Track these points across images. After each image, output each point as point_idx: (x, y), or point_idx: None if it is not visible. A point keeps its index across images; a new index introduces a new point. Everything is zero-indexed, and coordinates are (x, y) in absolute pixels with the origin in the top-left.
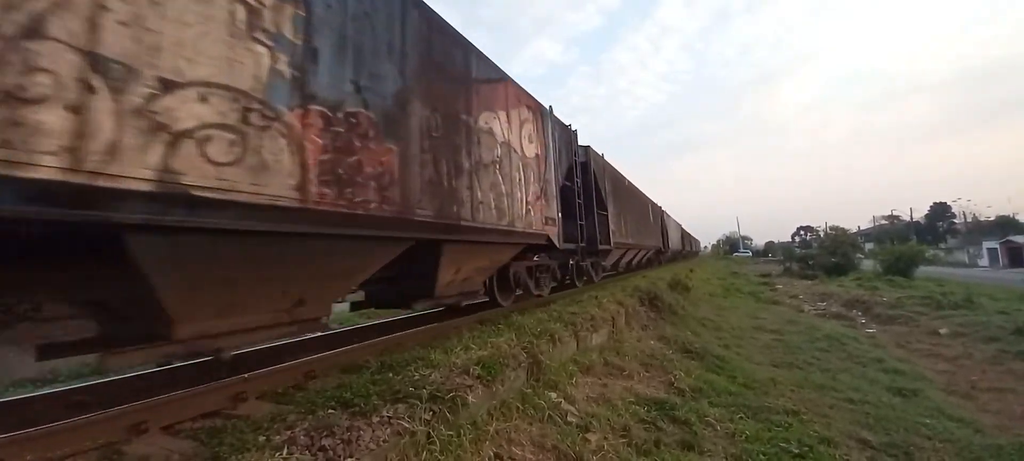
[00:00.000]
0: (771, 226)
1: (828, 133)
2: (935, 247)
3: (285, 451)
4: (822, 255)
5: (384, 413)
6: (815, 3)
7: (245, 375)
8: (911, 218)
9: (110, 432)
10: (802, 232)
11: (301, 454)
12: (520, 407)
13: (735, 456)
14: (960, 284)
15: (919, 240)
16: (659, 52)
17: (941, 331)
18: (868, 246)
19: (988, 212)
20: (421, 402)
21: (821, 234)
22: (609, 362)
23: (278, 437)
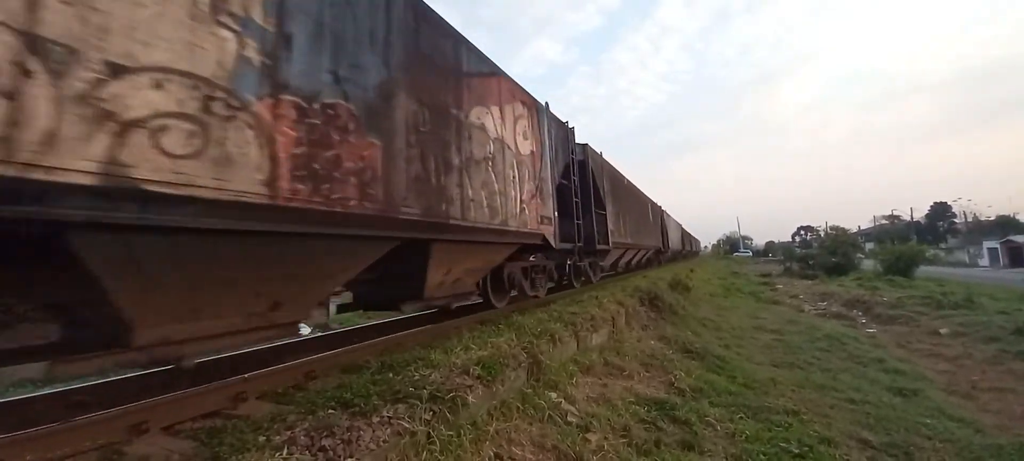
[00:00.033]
0: (771, 226)
1: (828, 133)
2: (935, 247)
3: (285, 451)
4: (822, 255)
5: (384, 413)
6: (815, 3)
7: (245, 375)
8: (911, 218)
9: (110, 432)
10: (802, 232)
11: (301, 454)
12: (520, 407)
13: (735, 456)
14: (960, 284)
15: (919, 240)
16: (659, 52)
17: (941, 331)
18: (868, 246)
19: (988, 212)
20: (421, 402)
21: (821, 234)
22: (609, 362)
23: (278, 437)
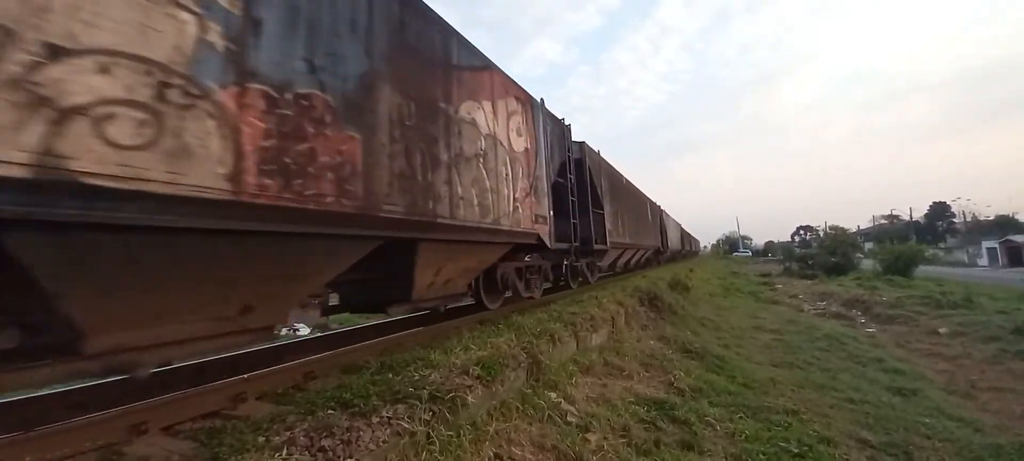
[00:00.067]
0: (771, 226)
1: (828, 133)
2: (934, 247)
3: (285, 451)
4: (822, 255)
5: (384, 413)
6: (815, 3)
7: (245, 376)
8: (911, 218)
9: (110, 433)
10: (802, 232)
11: (301, 454)
12: (520, 407)
13: (735, 456)
14: (959, 284)
15: (919, 240)
16: (659, 52)
17: (941, 331)
18: (868, 246)
19: (987, 212)
20: (421, 402)
21: (821, 234)
22: (609, 362)
23: (278, 438)
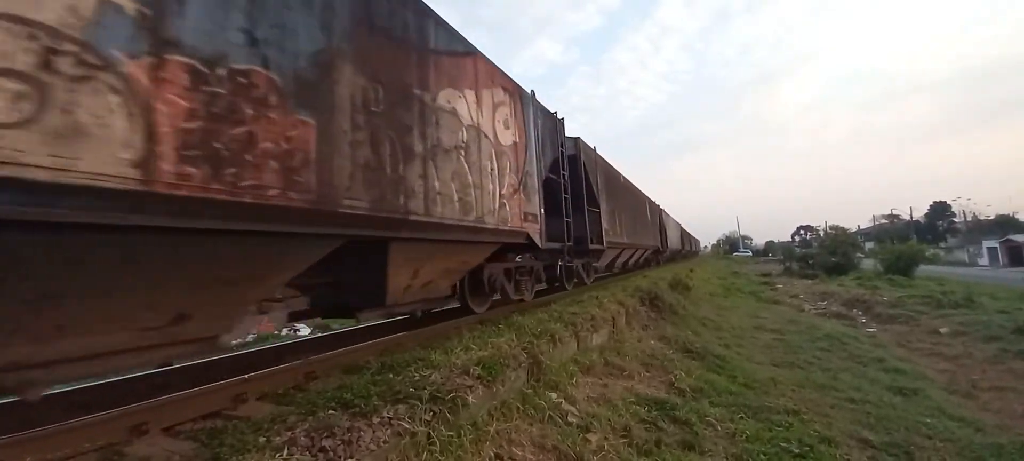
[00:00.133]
0: (771, 226)
1: (828, 133)
2: (935, 246)
3: (285, 452)
4: (822, 254)
5: (384, 414)
6: (815, 3)
7: (246, 376)
8: (911, 217)
9: (111, 433)
10: (802, 231)
11: (301, 455)
12: (520, 407)
13: (736, 456)
14: (960, 283)
15: (919, 239)
16: (659, 52)
17: (942, 330)
18: (868, 245)
19: (988, 211)
20: (421, 403)
21: (821, 233)
22: (610, 362)
23: (278, 438)
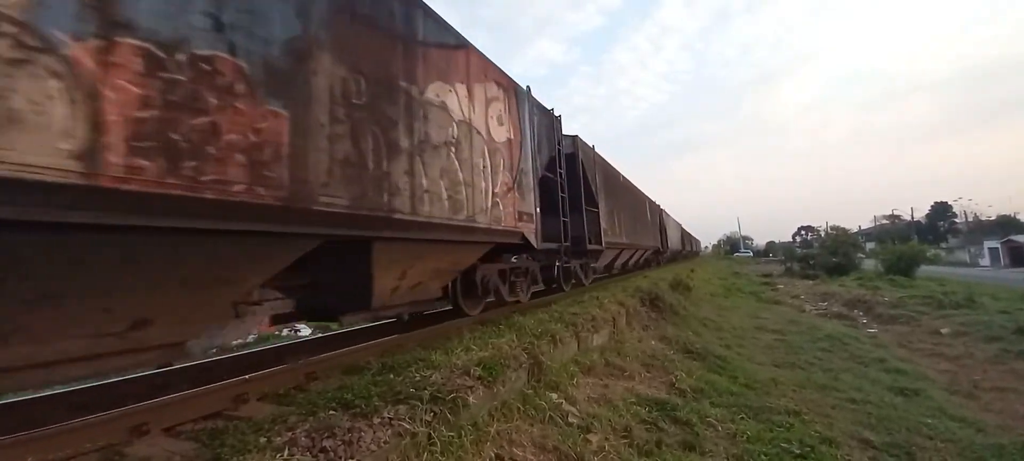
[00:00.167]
0: (772, 226)
1: (828, 133)
2: (936, 247)
3: (286, 452)
4: (823, 255)
5: (385, 414)
6: (815, 3)
7: (246, 376)
8: (912, 218)
9: (111, 434)
10: (803, 232)
11: (302, 455)
12: (521, 408)
13: (737, 456)
14: (961, 283)
15: (920, 240)
16: (659, 52)
17: (943, 331)
18: (869, 246)
19: (989, 211)
20: (422, 403)
21: (822, 234)
22: (610, 362)
23: (279, 438)
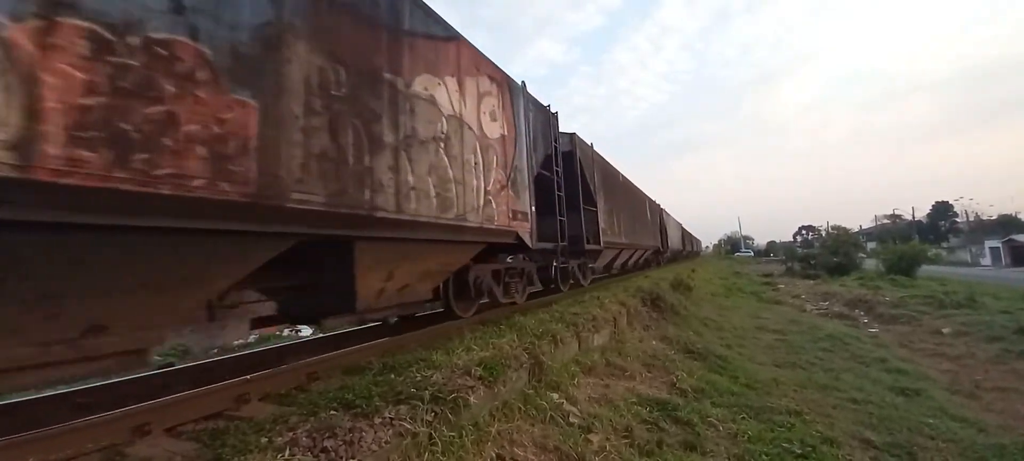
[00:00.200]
0: (773, 226)
1: (828, 133)
2: (937, 246)
3: (287, 452)
4: (824, 255)
5: (386, 414)
6: (815, 3)
7: (248, 377)
8: (913, 217)
9: (113, 434)
10: (804, 232)
11: (303, 455)
12: (522, 408)
13: (738, 456)
14: (963, 283)
15: (921, 239)
16: (659, 52)
17: (944, 330)
18: (870, 245)
19: (990, 211)
20: (423, 403)
21: (823, 234)
22: (611, 362)
23: (280, 438)
